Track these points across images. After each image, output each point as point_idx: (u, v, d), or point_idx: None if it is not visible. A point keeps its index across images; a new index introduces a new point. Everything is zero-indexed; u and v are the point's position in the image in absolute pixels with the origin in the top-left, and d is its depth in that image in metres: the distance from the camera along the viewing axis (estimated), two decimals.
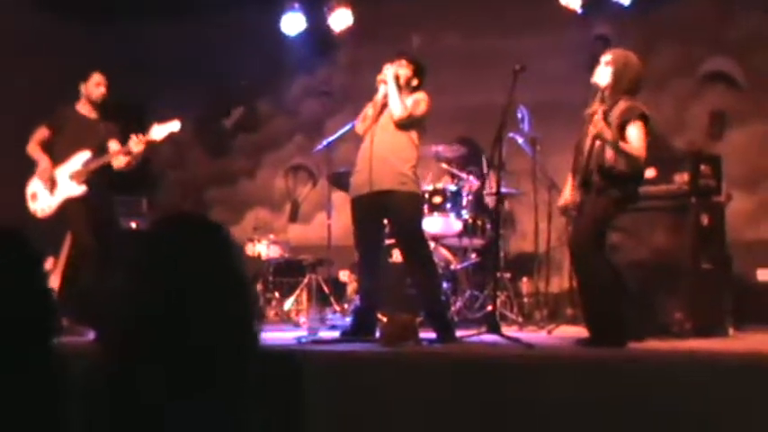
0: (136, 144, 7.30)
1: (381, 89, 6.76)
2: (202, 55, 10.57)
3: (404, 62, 6.79)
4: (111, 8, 10.12)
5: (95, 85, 7.59)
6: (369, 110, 6.82)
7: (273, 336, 7.13)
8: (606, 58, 6.13)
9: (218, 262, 1.98)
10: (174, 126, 7.51)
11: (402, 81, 6.71)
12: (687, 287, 6.97)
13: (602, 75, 6.10)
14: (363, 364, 5.37)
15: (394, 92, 6.57)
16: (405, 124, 6.56)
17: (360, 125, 6.87)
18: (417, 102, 6.64)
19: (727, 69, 9.13)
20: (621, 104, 5.99)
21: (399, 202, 6.47)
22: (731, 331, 7.11)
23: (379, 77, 6.74)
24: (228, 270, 1.99)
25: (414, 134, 6.65)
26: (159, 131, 7.45)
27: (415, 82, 6.81)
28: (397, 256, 7.82)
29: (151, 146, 7.52)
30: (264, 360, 2.06)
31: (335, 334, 6.83)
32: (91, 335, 6.84)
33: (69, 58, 9.46)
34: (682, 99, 9.23)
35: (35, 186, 7.52)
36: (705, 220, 7.09)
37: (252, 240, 9.59)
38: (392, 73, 6.64)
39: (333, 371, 5.24)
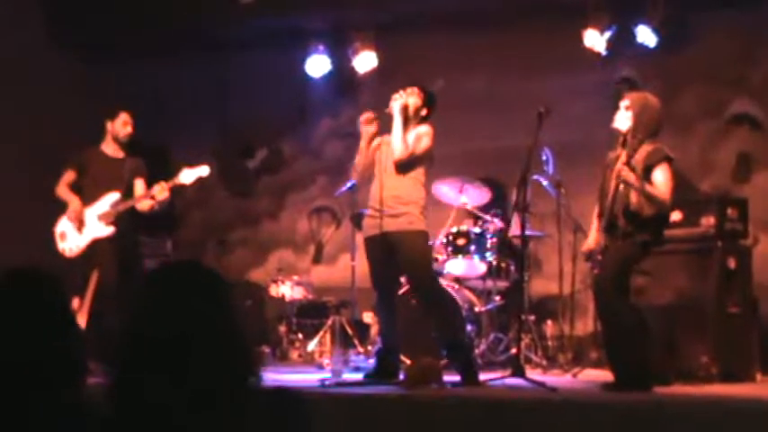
0: (161, 191, 7.35)
1: (365, 131, 6.75)
2: (226, 95, 10.65)
3: (415, 90, 6.78)
4: (136, 46, 10.20)
5: (123, 125, 7.65)
6: (357, 158, 6.82)
7: (296, 377, 7.12)
8: (625, 102, 6.13)
9: (212, 307, 2.01)
10: (204, 171, 7.57)
11: (411, 110, 6.70)
12: (713, 331, 6.91)
13: (622, 119, 6.10)
14: (385, 407, 5.34)
15: (398, 128, 6.57)
16: (406, 164, 6.55)
17: (355, 174, 6.92)
18: (419, 137, 6.61)
19: (751, 111, 9.09)
20: (645, 147, 5.98)
21: (406, 241, 6.48)
22: (759, 376, 7.03)
23: (388, 109, 6.74)
24: (222, 315, 2.02)
25: (419, 172, 6.64)
26: (188, 176, 7.51)
27: (424, 112, 6.81)
28: None
29: (178, 189, 7.57)
30: (269, 403, 2.07)
31: (359, 376, 6.80)
32: None
33: (91, 97, 9.55)
34: (707, 141, 9.19)
35: (64, 226, 7.59)
36: (731, 263, 7.04)
37: (276, 282, 9.60)
38: (399, 106, 6.62)
39: (355, 413, 5.22)
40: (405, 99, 6.68)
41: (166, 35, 10.10)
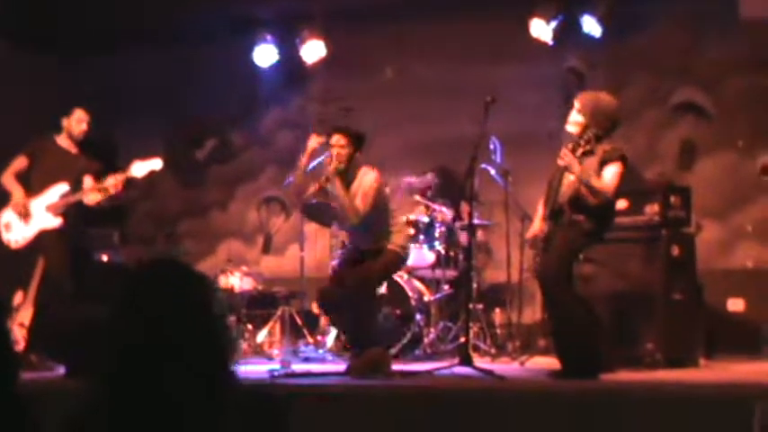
0: (113, 184, 7.30)
1: (309, 146, 6.83)
2: (174, 86, 10.55)
3: (341, 139, 6.72)
4: (81, 40, 10.08)
5: (77, 122, 7.64)
6: (295, 175, 6.90)
7: (247, 369, 7.10)
8: (576, 105, 6.16)
9: (199, 306, 2.01)
10: (156, 164, 7.52)
11: (344, 160, 6.64)
12: (659, 318, 7.01)
13: (573, 123, 6.13)
14: (331, 398, 5.35)
15: (343, 198, 6.56)
16: (365, 223, 6.59)
17: (293, 192, 7.03)
18: (366, 193, 6.59)
19: (696, 99, 9.19)
20: (603, 146, 6.02)
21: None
22: (702, 361, 7.15)
23: (323, 178, 6.72)
24: (207, 315, 2.03)
25: (382, 211, 6.68)
26: (140, 169, 7.46)
27: (357, 155, 6.77)
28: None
29: (129, 182, 7.51)
30: (246, 400, 2.07)
31: (308, 366, 6.80)
32: (60, 370, 6.78)
33: (38, 89, 9.45)
34: (653, 130, 9.28)
35: (8, 217, 7.50)
36: (676, 250, 7.13)
37: (225, 272, 9.52)
38: (334, 173, 6.58)
39: (302, 404, 5.22)
40: (336, 162, 6.60)
41: (113, 27, 9.98)
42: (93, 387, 1.99)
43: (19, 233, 7.47)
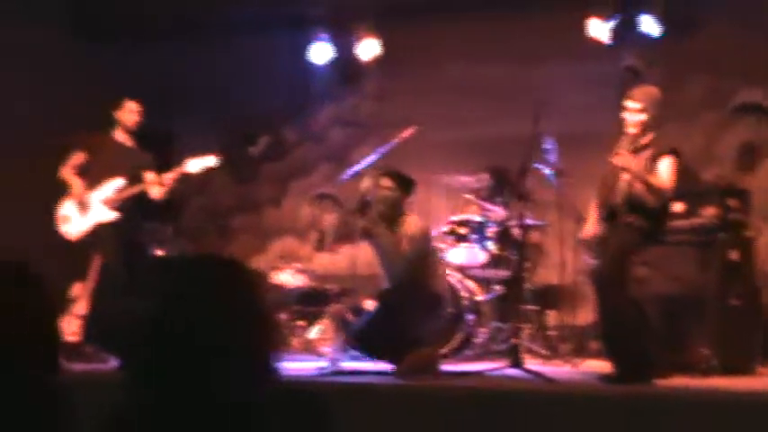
0: (170, 178, 7.38)
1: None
2: (229, 82, 10.59)
3: (388, 182, 6.72)
4: (136, 32, 10.15)
5: (129, 112, 7.71)
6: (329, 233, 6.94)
7: (296, 366, 7.11)
8: (635, 104, 6.04)
9: (245, 302, 2.00)
10: (211, 161, 7.59)
11: (389, 206, 6.66)
12: (714, 323, 6.88)
13: (636, 123, 6.01)
14: (380, 396, 5.33)
15: (387, 248, 6.65)
16: (412, 271, 6.63)
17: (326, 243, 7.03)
18: (412, 238, 6.62)
19: (757, 101, 9.02)
20: (653, 138, 5.94)
21: None
22: (760, 369, 6.99)
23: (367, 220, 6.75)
24: (253, 310, 2.01)
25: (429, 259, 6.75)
26: (194, 165, 7.53)
27: (405, 202, 6.78)
28: None
29: (184, 178, 7.58)
30: (288, 399, 2.06)
31: (358, 364, 6.78)
32: (114, 362, 6.87)
33: (95, 82, 9.52)
34: (711, 131, 9.13)
35: (67, 209, 7.61)
36: (733, 254, 7.00)
37: (277, 269, 9.57)
38: (378, 214, 6.59)
39: (350, 402, 5.20)
40: (380, 205, 6.63)
41: (170, 21, 10.05)
42: (137, 383, 1.98)
43: (76, 225, 7.58)
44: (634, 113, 6.01)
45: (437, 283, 6.81)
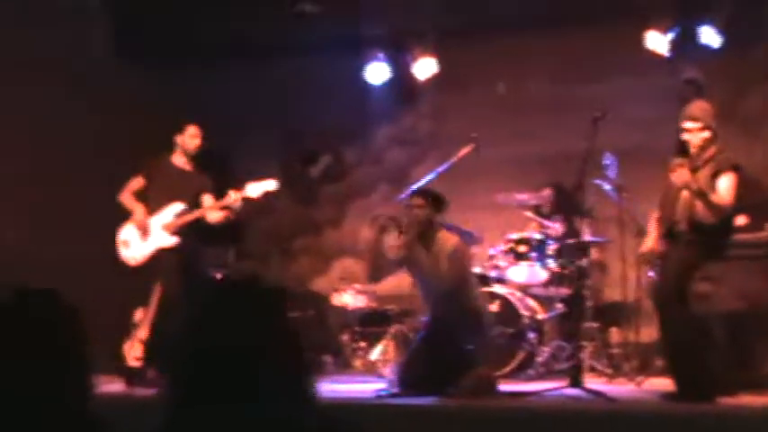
0: (233, 201, 7.37)
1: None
2: (285, 103, 10.65)
3: (418, 200, 6.69)
4: (194, 54, 10.25)
5: (191, 137, 7.68)
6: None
7: (355, 387, 7.11)
8: (695, 124, 5.91)
9: (271, 324, 1.99)
10: (270, 185, 7.55)
11: (421, 225, 6.60)
12: None
13: (700, 142, 5.90)
14: (439, 418, 5.29)
15: (427, 268, 6.59)
16: (453, 287, 6.58)
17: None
18: (450, 255, 6.56)
19: None
20: (711, 152, 5.84)
21: None
22: None
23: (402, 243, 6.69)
24: (281, 333, 2.00)
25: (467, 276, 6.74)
26: (255, 189, 7.50)
27: (437, 219, 6.70)
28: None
29: (245, 202, 7.57)
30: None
31: None
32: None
33: (147, 104, 9.62)
34: None
35: (128, 234, 7.64)
36: None
37: (338, 290, 9.59)
38: (413, 244, 6.56)
39: (409, 424, 5.17)
40: (414, 225, 6.60)
41: (226, 43, 10.14)
42: (172, 403, 1.99)
43: (137, 251, 7.61)
44: (695, 133, 5.89)
45: (477, 299, 6.75)
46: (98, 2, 9.61)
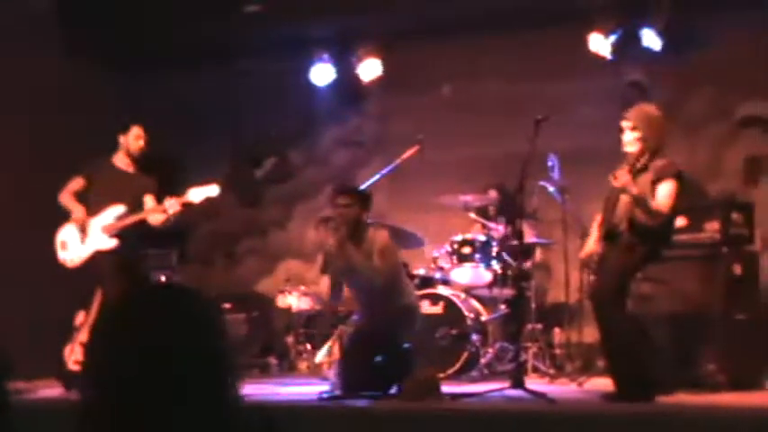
0: (172, 206, 7.25)
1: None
2: (231, 105, 10.60)
3: (346, 199, 6.69)
4: (141, 57, 10.17)
5: (135, 138, 7.57)
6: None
7: (300, 390, 7.08)
8: (627, 123, 5.99)
9: (199, 334, 1.97)
10: (212, 191, 7.45)
11: (351, 223, 6.62)
12: (720, 338, 6.79)
13: (631, 141, 5.96)
14: (381, 420, 5.28)
15: (360, 265, 6.54)
16: (387, 283, 6.56)
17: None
18: (381, 251, 6.57)
19: (763, 113, 8.95)
20: (657, 162, 5.89)
21: None
22: (767, 384, 6.89)
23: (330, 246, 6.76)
24: (209, 343, 1.98)
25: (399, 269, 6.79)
26: (197, 194, 7.40)
27: (365, 216, 6.72)
28: (427, 307, 7.74)
29: (187, 207, 7.48)
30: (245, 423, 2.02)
31: None
32: None
33: (97, 106, 9.52)
34: (717, 144, 9.06)
35: (66, 235, 7.51)
36: (737, 269, 6.91)
37: (283, 292, 9.54)
38: (341, 235, 6.57)
39: (350, 427, 5.16)
40: (341, 225, 6.61)
41: (170, 45, 10.06)
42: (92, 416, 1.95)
43: (75, 252, 7.47)
44: (627, 132, 5.96)
45: (410, 294, 6.77)
46: (50, 4, 9.48)
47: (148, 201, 7.50)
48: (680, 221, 6.69)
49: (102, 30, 9.68)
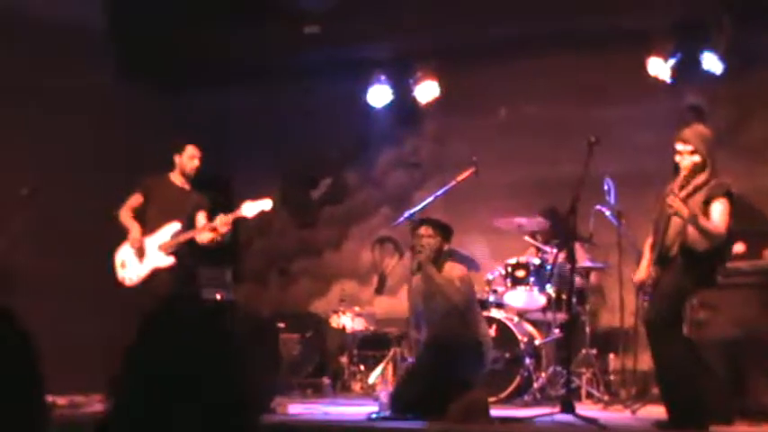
0: (222, 224, 7.27)
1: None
2: (289, 125, 10.66)
3: (430, 230, 6.79)
4: (196, 76, 10.27)
5: (189, 158, 7.63)
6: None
7: (351, 410, 7.07)
8: (684, 147, 5.86)
9: (212, 347, 1.96)
10: (266, 204, 7.44)
11: (432, 254, 6.72)
12: None
13: (692, 164, 5.85)
14: None
15: (441, 285, 6.69)
16: (464, 308, 6.69)
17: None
18: (462, 278, 6.73)
19: None
20: (706, 179, 5.79)
21: None
22: None
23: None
24: (220, 353, 1.97)
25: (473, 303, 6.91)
26: (250, 209, 7.40)
27: (446, 248, 6.83)
28: None
29: (239, 221, 7.50)
30: None
31: None
32: None
33: (151, 125, 9.63)
34: None
35: (125, 254, 7.57)
36: None
37: (337, 312, 9.55)
38: (425, 260, 6.69)
39: None
40: (425, 252, 6.72)
41: (229, 66, 10.17)
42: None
43: (133, 271, 7.55)
44: (686, 156, 5.84)
45: (481, 328, 6.75)
46: (104, 24, 9.63)
47: (200, 217, 7.55)
48: (738, 247, 6.58)
49: (155, 48, 9.81)
